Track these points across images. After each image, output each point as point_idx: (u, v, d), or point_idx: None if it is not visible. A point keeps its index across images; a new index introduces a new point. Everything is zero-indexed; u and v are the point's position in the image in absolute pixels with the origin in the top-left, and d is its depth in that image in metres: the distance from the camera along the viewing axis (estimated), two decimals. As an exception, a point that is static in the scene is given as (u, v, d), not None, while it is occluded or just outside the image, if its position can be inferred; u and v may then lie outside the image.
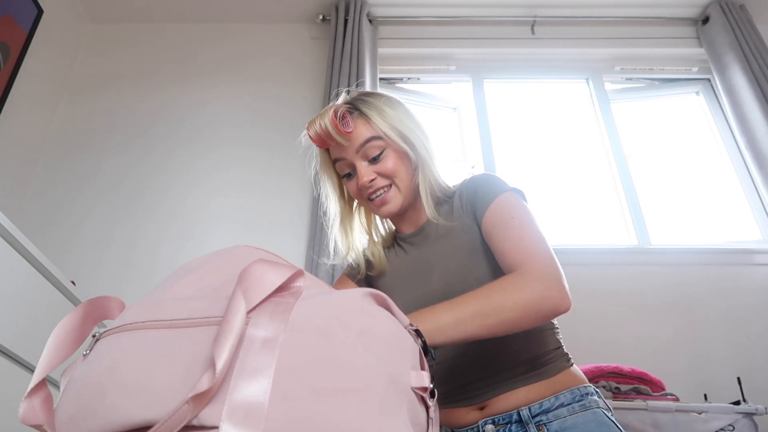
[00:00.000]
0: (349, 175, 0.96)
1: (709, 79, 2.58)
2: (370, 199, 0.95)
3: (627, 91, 2.62)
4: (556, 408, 0.80)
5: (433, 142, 0.98)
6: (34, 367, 0.58)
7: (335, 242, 1.04)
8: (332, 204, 1.03)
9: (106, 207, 2.13)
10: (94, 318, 0.48)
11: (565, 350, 0.88)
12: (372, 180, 0.92)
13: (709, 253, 2.09)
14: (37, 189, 2.17)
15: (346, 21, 2.40)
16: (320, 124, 0.90)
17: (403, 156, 0.94)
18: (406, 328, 0.51)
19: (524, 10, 2.57)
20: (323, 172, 1.02)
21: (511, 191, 0.89)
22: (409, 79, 2.58)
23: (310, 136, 0.93)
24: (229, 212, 2.12)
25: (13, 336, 1.07)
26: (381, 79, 2.43)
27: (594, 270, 2.02)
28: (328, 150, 0.98)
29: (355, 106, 0.95)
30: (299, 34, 2.58)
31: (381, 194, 0.93)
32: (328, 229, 1.06)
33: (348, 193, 1.02)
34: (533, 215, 0.85)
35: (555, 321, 0.90)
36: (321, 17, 2.51)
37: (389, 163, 0.92)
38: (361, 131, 0.92)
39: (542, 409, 0.80)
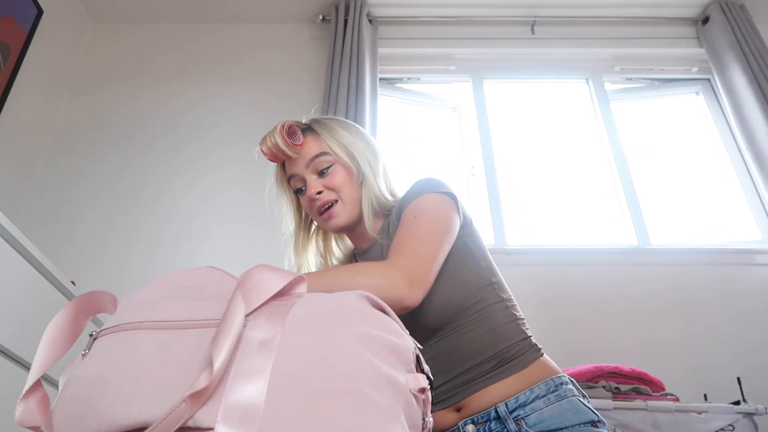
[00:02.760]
0: (301, 191, 1.00)
1: (709, 79, 2.58)
2: (320, 214, 0.98)
3: (627, 91, 2.61)
4: (532, 401, 0.80)
5: (382, 163, 1.02)
6: (33, 368, 0.57)
7: (289, 261, 1.07)
8: (288, 222, 1.08)
9: (106, 206, 2.13)
10: (87, 314, 0.48)
11: (533, 341, 0.88)
12: (319, 192, 0.96)
13: (709, 253, 2.09)
14: (37, 188, 2.17)
15: (346, 21, 2.39)
16: (270, 138, 0.96)
17: (350, 172, 0.98)
18: (402, 329, 0.51)
19: (524, 10, 2.57)
20: (279, 189, 1.06)
21: (436, 193, 0.90)
22: (409, 79, 2.57)
23: (262, 152, 0.97)
24: (228, 211, 2.13)
25: (13, 336, 1.07)
26: (381, 79, 2.43)
27: (594, 270, 2.02)
28: (285, 170, 1.02)
29: (308, 126, 1.01)
30: (299, 34, 2.58)
31: (329, 208, 0.97)
32: (283, 247, 1.09)
33: (305, 214, 1.07)
34: (443, 219, 0.86)
35: (517, 313, 0.90)
36: (321, 17, 2.51)
37: (337, 177, 0.97)
38: (311, 147, 0.97)
39: (518, 403, 0.80)
